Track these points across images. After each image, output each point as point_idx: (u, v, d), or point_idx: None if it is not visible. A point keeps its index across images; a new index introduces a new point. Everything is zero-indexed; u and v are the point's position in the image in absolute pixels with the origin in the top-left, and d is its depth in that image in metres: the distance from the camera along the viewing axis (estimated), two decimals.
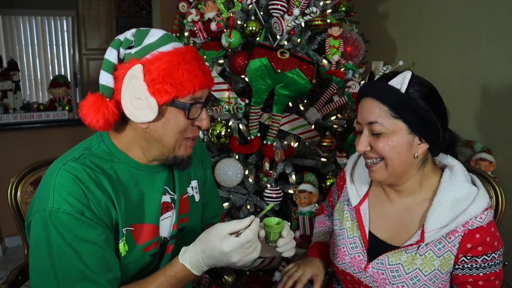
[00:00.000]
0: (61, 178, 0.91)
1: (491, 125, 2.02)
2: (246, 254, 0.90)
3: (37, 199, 0.93)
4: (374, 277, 1.07)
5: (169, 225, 1.09)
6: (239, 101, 1.89)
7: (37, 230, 0.91)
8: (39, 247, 0.91)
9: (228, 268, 1.51)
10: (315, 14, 1.80)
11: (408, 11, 2.45)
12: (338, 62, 1.98)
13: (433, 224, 1.00)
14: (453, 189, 1.01)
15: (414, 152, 1.01)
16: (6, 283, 1.31)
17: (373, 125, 1.00)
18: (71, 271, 0.89)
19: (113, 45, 0.94)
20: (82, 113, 0.93)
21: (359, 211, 1.15)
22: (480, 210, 0.98)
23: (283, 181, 1.94)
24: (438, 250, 1.01)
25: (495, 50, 1.97)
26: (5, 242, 3.22)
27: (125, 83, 0.90)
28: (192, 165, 1.17)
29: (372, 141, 1.02)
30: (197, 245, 0.92)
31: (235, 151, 1.90)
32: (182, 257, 0.93)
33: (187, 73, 0.91)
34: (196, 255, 0.92)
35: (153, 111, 0.90)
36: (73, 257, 0.89)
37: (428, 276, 1.01)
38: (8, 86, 3.14)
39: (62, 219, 0.88)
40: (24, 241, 1.44)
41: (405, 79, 0.98)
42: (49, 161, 1.52)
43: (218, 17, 1.91)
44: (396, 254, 1.05)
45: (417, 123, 0.98)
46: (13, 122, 3.08)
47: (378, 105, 0.99)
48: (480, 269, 0.99)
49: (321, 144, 1.91)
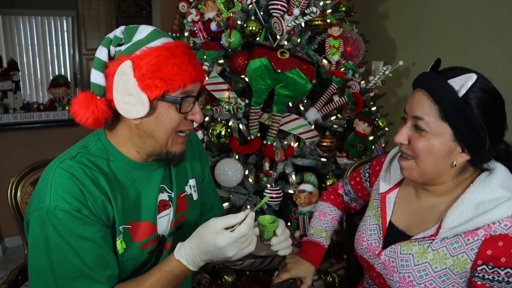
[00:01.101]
0: (58, 176, 0.91)
1: None
2: (241, 248, 0.90)
3: (35, 198, 0.94)
4: (385, 264, 1.06)
5: (166, 222, 1.09)
6: (239, 101, 1.89)
7: (35, 228, 0.91)
8: (37, 246, 0.91)
9: (228, 268, 1.51)
10: (315, 14, 1.80)
11: (408, 11, 2.44)
12: (338, 62, 1.98)
13: (451, 221, 0.94)
14: (483, 190, 0.94)
15: (453, 160, 0.95)
16: (6, 283, 1.31)
17: (418, 120, 0.94)
18: (69, 269, 0.89)
19: (103, 44, 0.94)
20: (73, 111, 0.94)
21: (384, 199, 1.12)
22: (505, 215, 0.89)
23: (283, 181, 1.94)
24: (453, 249, 0.95)
25: (495, 50, 1.97)
26: (5, 242, 3.22)
27: (116, 79, 0.91)
28: (189, 163, 1.18)
29: (413, 137, 0.96)
30: (192, 240, 0.92)
31: (235, 151, 1.90)
32: (177, 253, 0.93)
33: (176, 67, 0.91)
34: (191, 251, 0.92)
35: (144, 106, 0.90)
36: (71, 254, 0.89)
37: (437, 273, 0.96)
38: (8, 86, 3.14)
39: (60, 217, 0.88)
40: (24, 241, 1.44)
41: (467, 83, 0.90)
42: (49, 161, 1.51)
43: (218, 17, 1.91)
44: (408, 244, 1.02)
45: (465, 133, 0.91)
46: (13, 122, 3.08)
47: (429, 102, 0.93)
48: (502, 283, 0.89)
49: (321, 144, 1.91)
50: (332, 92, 1.94)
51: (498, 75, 1.97)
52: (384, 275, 1.07)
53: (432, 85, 0.93)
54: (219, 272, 1.48)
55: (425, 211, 1.05)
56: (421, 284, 0.99)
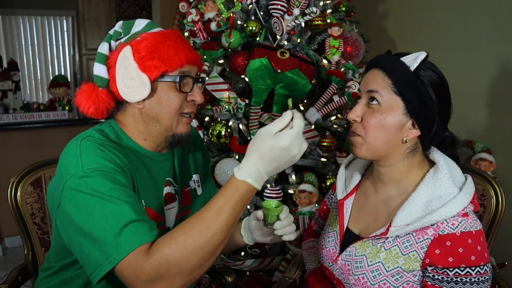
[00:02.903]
0: (85, 146, 0.93)
1: (491, 125, 2.02)
2: (301, 143, 0.87)
3: (62, 174, 0.91)
4: (342, 269, 1.06)
5: (174, 215, 1.11)
6: (239, 101, 1.89)
7: (70, 199, 0.87)
8: (79, 214, 0.86)
9: (228, 268, 1.51)
10: (315, 14, 1.80)
11: (408, 11, 2.45)
12: (338, 62, 1.98)
13: (400, 220, 0.95)
14: (432, 187, 0.95)
15: (403, 135, 0.97)
16: (6, 283, 1.31)
17: (372, 93, 0.97)
18: (117, 217, 0.84)
19: (105, 40, 1.01)
20: (77, 101, 1.00)
21: (342, 205, 1.13)
22: (451, 214, 0.90)
23: (283, 181, 1.94)
24: (404, 248, 0.96)
25: (495, 50, 1.97)
26: (5, 242, 3.22)
27: (118, 66, 0.97)
28: (192, 159, 1.21)
29: (366, 114, 0.98)
30: (250, 157, 0.86)
31: (235, 151, 1.90)
32: (239, 174, 0.85)
33: (172, 48, 0.97)
34: (255, 166, 0.85)
35: (146, 87, 0.96)
36: (116, 205, 0.86)
37: (390, 272, 0.97)
38: (8, 86, 3.14)
39: (96, 176, 0.87)
40: (24, 241, 1.44)
41: (418, 59, 0.95)
42: (49, 161, 1.53)
43: (218, 17, 1.91)
44: (363, 246, 1.03)
45: (416, 106, 0.94)
46: (13, 122, 3.09)
47: (383, 77, 0.97)
48: (451, 283, 0.90)
49: (321, 144, 1.91)
50: (332, 92, 1.94)
51: (498, 75, 1.98)
52: (342, 280, 1.07)
53: (385, 62, 0.98)
54: (219, 272, 1.48)
55: (380, 206, 1.06)
56: (375, 284, 0.99)
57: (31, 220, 1.44)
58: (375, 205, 1.07)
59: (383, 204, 1.05)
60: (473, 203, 0.93)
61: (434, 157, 1.01)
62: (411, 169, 1.02)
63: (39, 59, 6.09)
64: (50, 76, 5.98)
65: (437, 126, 0.97)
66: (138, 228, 0.83)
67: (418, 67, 0.95)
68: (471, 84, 2.08)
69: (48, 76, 6.05)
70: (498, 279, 1.42)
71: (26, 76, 5.99)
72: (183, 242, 0.81)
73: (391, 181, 1.04)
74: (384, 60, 0.99)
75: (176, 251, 0.80)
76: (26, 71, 5.98)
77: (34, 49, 6.02)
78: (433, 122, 0.96)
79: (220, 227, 0.83)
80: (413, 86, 0.94)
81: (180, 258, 0.80)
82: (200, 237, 0.81)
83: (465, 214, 0.92)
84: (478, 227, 0.92)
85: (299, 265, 1.49)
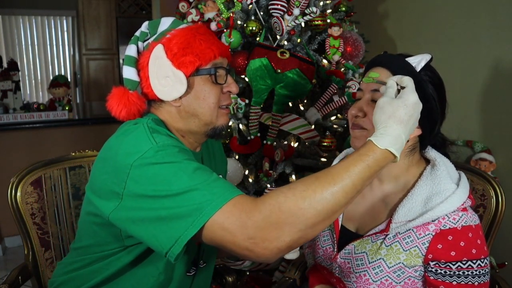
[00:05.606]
0: (152, 124, 0.93)
1: (491, 125, 2.02)
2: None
3: (127, 156, 0.85)
4: (341, 267, 1.07)
5: None
6: (239, 101, 1.89)
7: (141, 175, 0.82)
8: (156, 183, 0.81)
9: (228, 268, 1.51)
10: (315, 14, 1.80)
11: (408, 11, 2.45)
12: (338, 62, 1.98)
13: (401, 216, 0.96)
14: (430, 183, 0.97)
15: None
16: (6, 283, 1.31)
17: (377, 93, 0.97)
18: (204, 172, 0.83)
19: (131, 42, 1.00)
20: (108, 105, 0.99)
21: None
22: (451, 209, 0.92)
23: (283, 181, 1.94)
24: (405, 244, 0.97)
25: (495, 50, 1.97)
26: (5, 242, 3.22)
27: (151, 66, 0.96)
28: (214, 159, 1.24)
29: (369, 109, 0.96)
30: (388, 124, 0.82)
31: (235, 151, 1.90)
32: (381, 143, 0.80)
33: (204, 42, 0.97)
34: (397, 133, 0.81)
35: (182, 83, 0.95)
36: (199, 165, 0.85)
37: (392, 268, 0.98)
38: (8, 86, 3.14)
39: (172, 149, 0.86)
40: (24, 241, 1.44)
41: (423, 61, 0.96)
42: (49, 161, 1.53)
43: (218, 17, 1.91)
44: (362, 243, 1.03)
45: None
46: (13, 122, 3.08)
47: (389, 75, 0.96)
48: (454, 277, 0.92)
49: (321, 144, 1.91)
50: (332, 92, 1.94)
51: (498, 75, 1.98)
52: (342, 278, 1.07)
53: (390, 61, 0.98)
54: (219, 272, 1.48)
55: (377, 204, 1.06)
56: (377, 281, 0.99)
57: (31, 220, 1.44)
58: (371, 203, 1.08)
59: (380, 201, 1.06)
60: (470, 198, 0.96)
61: (430, 155, 1.03)
62: (409, 167, 1.03)
63: (39, 59, 6.10)
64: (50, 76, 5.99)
65: (438, 125, 0.99)
66: (230, 183, 0.81)
67: (422, 69, 0.96)
68: (471, 84, 2.08)
69: (48, 76, 6.06)
70: (498, 279, 1.42)
71: (26, 76, 6.00)
72: (301, 192, 0.74)
73: (389, 179, 1.05)
74: (388, 59, 0.99)
75: (291, 200, 0.74)
76: (26, 71, 5.99)
77: (34, 49, 6.03)
78: (436, 122, 0.98)
79: (345, 186, 0.76)
80: (419, 86, 0.93)
81: (295, 209, 0.73)
82: (322, 190, 0.75)
83: (464, 208, 0.94)
84: (476, 221, 0.95)
85: (299, 265, 1.49)
